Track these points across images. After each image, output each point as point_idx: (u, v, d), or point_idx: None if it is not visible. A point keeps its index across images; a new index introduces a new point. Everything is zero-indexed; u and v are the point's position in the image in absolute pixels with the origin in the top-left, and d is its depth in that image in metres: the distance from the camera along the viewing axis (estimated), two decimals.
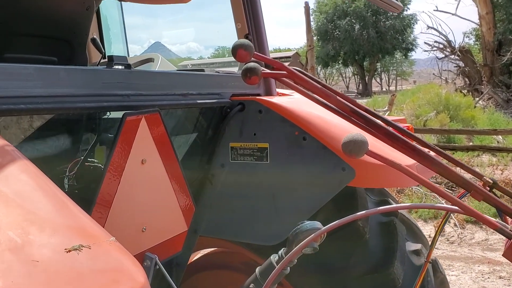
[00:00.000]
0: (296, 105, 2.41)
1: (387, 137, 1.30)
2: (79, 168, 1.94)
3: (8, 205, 0.88)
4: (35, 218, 0.88)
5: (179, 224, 2.11)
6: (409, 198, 8.77)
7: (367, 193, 2.52)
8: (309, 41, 17.72)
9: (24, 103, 1.51)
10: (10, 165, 1.02)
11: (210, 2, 11.12)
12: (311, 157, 2.28)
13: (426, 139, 12.61)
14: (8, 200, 0.89)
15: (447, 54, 28.50)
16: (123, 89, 1.90)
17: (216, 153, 2.55)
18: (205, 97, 2.37)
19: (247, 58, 1.45)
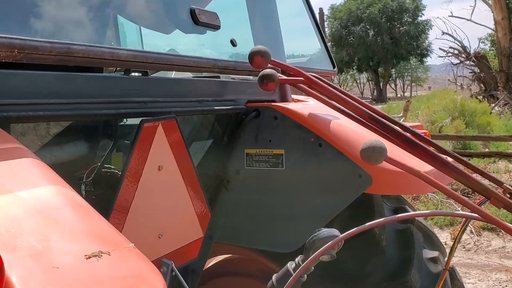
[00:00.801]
0: (311, 111, 2.40)
1: (407, 143, 1.29)
2: (96, 174, 1.95)
3: (29, 211, 0.88)
4: (55, 224, 0.88)
5: (195, 230, 2.12)
6: (424, 205, 8.70)
7: (383, 200, 2.50)
8: None
9: (43, 110, 1.52)
10: (30, 171, 1.03)
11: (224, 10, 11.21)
12: (327, 163, 2.27)
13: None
14: (29, 206, 0.90)
15: (462, 60, 28.32)
16: (140, 95, 1.91)
17: (231, 159, 2.55)
18: (221, 104, 2.37)
19: (264, 65, 1.46)
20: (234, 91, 2.47)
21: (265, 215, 2.47)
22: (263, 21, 2.71)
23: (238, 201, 2.55)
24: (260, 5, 2.76)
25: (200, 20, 1.96)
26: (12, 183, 0.95)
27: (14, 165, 1.03)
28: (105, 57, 1.58)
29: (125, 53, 1.64)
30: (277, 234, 2.45)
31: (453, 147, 13.17)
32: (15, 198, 0.91)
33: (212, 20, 2.06)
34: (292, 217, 2.39)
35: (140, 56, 1.74)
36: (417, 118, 18.21)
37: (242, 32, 3.13)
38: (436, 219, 8.16)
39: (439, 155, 1.31)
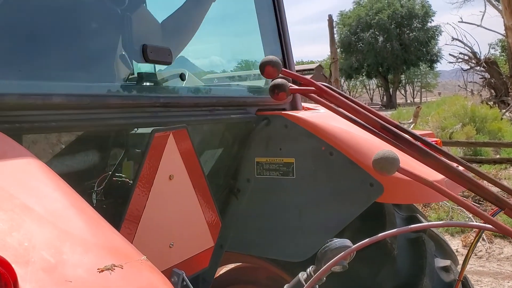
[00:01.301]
0: (322, 119, 2.39)
1: (419, 153, 1.28)
2: (107, 183, 1.96)
3: (41, 224, 0.88)
4: (68, 237, 0.88)
5: (205, 239, 2.11)
6: (435, 212, 8.65)
7: (394, 209, 2.49)
8: (333, 53, 17.70)
9: (55, 120, 1.54)
10: (43, 182, 1.03)
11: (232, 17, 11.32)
12: (338, 172, 2.26)
13: (452, 152, 12.44)
14: (42, 219, 0.90)
15: (472, 66, 28.22)
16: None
17: (242, 168, 2.55)
18: (231, 112, 2.37)
19: (275, 75, 1.45)
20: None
21: (276, 224, 2.47)
22: (273, 30, 2.71)
23: (248, 210, 2.54)
24: (269, 14, 2.76)
25: (149, 57, 1.98)
26: (24, 195, 0.96)
27: (26, 177, 1.04)
28: (37, 101, 1.54)
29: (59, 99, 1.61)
30: (287, 243, 2.44)
31: (463, 153, 13.10)
32: (28, 211, 0.91)
33: (163, 57, 2.08)
34: (303, 226, 2.38)
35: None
36: (427, 124, 18.14)
37: (248, 38, 3.15)
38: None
39: (451, 165, 1.30)
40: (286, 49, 2.69)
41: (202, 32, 3.53)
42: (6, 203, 0.90)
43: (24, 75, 1.71)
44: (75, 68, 2.02)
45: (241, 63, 3.55)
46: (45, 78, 1.76)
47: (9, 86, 1.50)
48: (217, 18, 3.28)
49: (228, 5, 2.93)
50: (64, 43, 2.00)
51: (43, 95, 1.54)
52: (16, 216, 0.88)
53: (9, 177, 1.00)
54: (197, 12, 2.63)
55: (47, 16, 1.96)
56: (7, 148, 1.15)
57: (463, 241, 7.30)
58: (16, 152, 1.14)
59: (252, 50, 3.17)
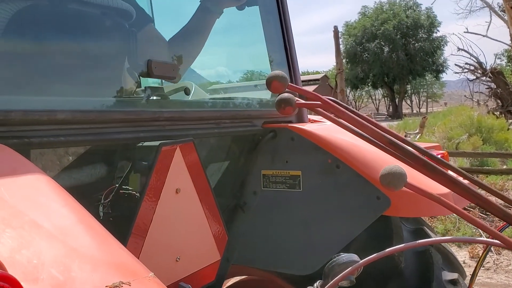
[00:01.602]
0: (328, 132, 2.39)
1: (426, 168, 1.28)
2: (114, 195, 1.96)
3: (50, 241, 0.89)
4: (76, 254, 0.88)
5: (212, 253, 2.11)
6: (442, 223, 8.61)
7: (401, 221, 2.48)
8: (338, 64, 17.72)
9: (64, 135, 1.55)
10: (51, 199, 1.04)
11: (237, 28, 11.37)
12: (344, 185, 2.26)
13: (458, 163, 12.37)
14: (51, 235, 0.90)
15: (478, 76, 28.15)
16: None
17: (248, 180, 2.55)
18: (237, 125, 2.38)
19: (282, 90, 1.46)
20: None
21: (282, 237, 2.46)
22: (280, 44, 2.72)
23: (255, 223, 2.54)
24: (275, 28, 2.77)
25: (154, 73, 2.00)
26: (33, 212, 0.96)
27: (35, 193, 1.04)
28: (42, 117, 1.56)
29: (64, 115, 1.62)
30: (294, 256, 2.43)
31: (470, 164, 13.03)
32: (37, 227, 0.92)
33: (167, 72, 2.11)
34: (309, 239, 2.38)
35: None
36: (434, 134, 18.10)
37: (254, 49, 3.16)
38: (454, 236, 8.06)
39: (458, 180, 1.30)
40: (293, 63, 2.70)
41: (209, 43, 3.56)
42: (15, 220, 0.91)
43: (30, 91, 1.73)
44: (80, 83, 2.04)
45: (247, 73, 3.57)
46: (51, 93, 1.78)
47: (15, 102, 1.51)
48: (223, 30, 3.31)
49: (235, 18, 2.95)
50: (69, 58, 2.02)
51: (48, 111, 1.55)
52: (25, 233, 0.88)
53: (18, 193, 1.01)
54: (203, 30, 2.65)
55: (52, 33, 1.99)
56: (16, 164, 1.16)
57: (470, 253, 7.25)
58: (24, 168, 1.14)
59: (258, 63, 3.19)
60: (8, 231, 0.87)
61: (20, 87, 1.77)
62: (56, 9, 2.01)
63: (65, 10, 2.03)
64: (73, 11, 2.06)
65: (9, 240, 0.85)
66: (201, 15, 2.63)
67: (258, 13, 2.75)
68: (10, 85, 1.71)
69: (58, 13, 2.03)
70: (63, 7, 2.02)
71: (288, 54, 2.71)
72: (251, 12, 2.78)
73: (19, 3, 1.83)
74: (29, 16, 1.89)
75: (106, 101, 1.90)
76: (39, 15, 1.96)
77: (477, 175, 10.72)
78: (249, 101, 2.64)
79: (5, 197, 0.97)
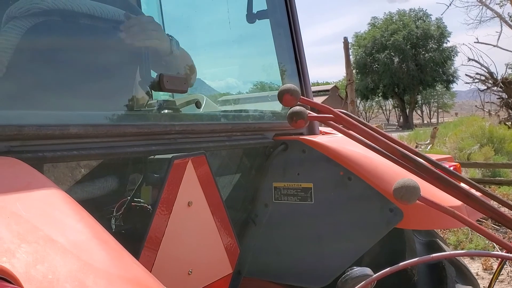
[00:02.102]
0: (340, 144, 2.39)
1: (439, 182, 1.27)
2: (126, 208, 1.97)
3: (65, 256, 0.89)
4: (91, 269, 0.89)
5: (224, 266, 2.11)
6: (454, 235, 8.53)
7: (414, 233, 2.47)
8: (348, 75, 17.70)
9: (77, 149, 1.56)
10: (66, 214, 1.04)
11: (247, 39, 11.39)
12: (357, 198, 2.25)
13: (470, 173, 12.26)
14: (65, 251, 0.91)
15: (489, 86, 27.99)
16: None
17: (260, 193, 2.55)
18: (249, 138, 2.38)
19: (293, 103, 1.46)
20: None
21: (294, 250, 2.45)
22: (290, 57, 2.73)
23: (266, 235, 2.53)
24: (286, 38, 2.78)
25: (166, 86, 2.02)
26: (48, 227, 0.97)
27: (49, 208, 1.05)
28: (55, 132, 1.57)
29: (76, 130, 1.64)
30: (306, 269, 2.42)
31: (482, 174, 12.94)
32: (52, 243, 0.92)
33: (179, 85, 2.12)
34: (322, 252, 2.37)
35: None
36: (445, 145, 17.99)
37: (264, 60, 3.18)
38: (467, 248, 7.97)
39: (472, 193, 1.29)
40: (303, 75, 2.71)
41: (220, 55, 3.58)
42: (31, 235, 0.91)
43: (42, 106, 1.75)
44: (92, 97, 2.06)
45: (258, 85, 3.59)
46: (63, 108, 1.80)
47: (28, 117, 1.53)
48: (234, 42, 3.33)
49: (245, 30, 2.97)
50: (81, 73, 2.04)
51: (61, 125, 1.57)
52: (40, 248, 0.89)
53: (33, 208, 1.02)
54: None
55: (64, 48, 2.01)
56: (31, 179, 1.16)
57: (484, 264, 7.18)
58: (39, 182, 1.15)
59: (269, 75, 3.20)
60: (24, 246, 0.87)
61: (33, 102, 1.79)
62: (67, 25, 2.04)
63: (76, 26, 2.06)
64: (85, 26, 2.08)
65: (24, 255, 0.86)
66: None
67: (268, 26, 2.76)
68: (23, 100, 1.73)
69: (69, 29, 2.06)
70: (74, 23, 2.04)
71: (299, 66, 2.72)
72: (262, 25, 2.80)
73: (32, 19, 1.85)
74: (42, 32, 1.91)
75: (118, 115, 1.92)
76: (52, 31, 1.98)
77: (489, 185, 10.64)
78: (260, 113, 2.64)
79: (21, 212, 0.98)
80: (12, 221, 0.94)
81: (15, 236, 0.89)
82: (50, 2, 1.92)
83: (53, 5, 1.92)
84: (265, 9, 2.77)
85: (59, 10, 1.94)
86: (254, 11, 2.77)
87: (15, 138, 1.45)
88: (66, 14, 1.98)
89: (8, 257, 0.84)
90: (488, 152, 14.75)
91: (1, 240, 0.87)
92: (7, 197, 1.02)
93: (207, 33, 3.58)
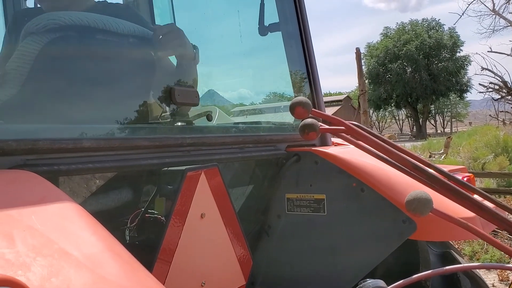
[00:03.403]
0: (352, 155, 2.39)
1: (452, 194, 1.27)
2: (139, 220, 1.98)
3: (79, 269, 0.90)
4: (105, 283, 0.89)
5: (237, 278, 2.11)
6: (469, 245, 8.45)
7: (428, 245, 2.45)
8: (361, 86, 17.64)
9: (91, 162, 1.58)
10: (80, 227, 1.05)
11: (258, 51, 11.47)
12: (369, 209, 2.25)
13: (485, 183, 12.14)
14: (80, 264, 0.91)
15: (503, 95, 27.77)
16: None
17: (272, 204, 2.55)
18: (261, 149, 2.39)
19: (305, 115, 1.47)
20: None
21: (307, 261, 2.45)
22: (301, 66, 2.74)
23: (279, 247, 2.53)
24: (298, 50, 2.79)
25: (177, 100, 2.03)
26: (63, 240, 0.98)
27: (64, 221, 1.06)
28: (69, 146, 1.58)
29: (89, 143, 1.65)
30: (319, 281, 2.41)
31: (497, 184, 12.81)
32: (66, 256, 0.93)
33: (190, 99, 2.13)
34: (334, 264, 2.36)
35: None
36: (459, 154, 17.87)
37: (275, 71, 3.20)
38: (483, 259, 7.89)
39: (485, 205, 1.29)
40: (315, 87, 2.71)
41: (232, 66, 3.61)
42: (45, 249, 0.92)
43: (56, 120, 1.78)
44: (105, 111, 2.08)
45: (269, 96, 3.60)
46: (76, 122, 1.82)
47: (43, 131, 1.55)
48: (246, 54, 3.35)
49: (257, 42, 2.99)
50: (95, 87, 2.06)
51: (74, 139, 1.59)
52: (55, 262, 0.90)
53: (48, 221, 1.03)
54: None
55: (78, 63, 2.04)
56: (46, 192, 1.18)
57: (500, 275, 7.10)
58: (54, 196, 1.16)
59: (281, 86, 3.21)
60: (39, 259, 0.88)
61: (48, 116, 1.81)
62: (83, 40, 2.07)
63: (91, 41, 2.09)
64: (100, 41, 2.11)
65: (39, 268, 0.87)
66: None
67: (280, 38, 2.78)
68: (38, 114, 1.75)
69: (84, 44, 2.09)
70: (90, 38, 2.07)
71: (311, 77, 2.73)
72: (274, 37, 2.81)
73: (49, 35, 1.88)
74: (58, 47, 1.94)
75: (131, 128, 1.93)
76: (67, 46, 2.01)
77: (504, 196, 10.53)
78: (272, 125, 2.65)
79: (36, 226, 0.99)
80: (28, 234, 0.95)
81: (30, 250, 0.91)
82: (67, 18, 1.95)
83: (70, 21, 1.95)
84: (277, 22, 2.78)
85: (75, 26, 1.97)
86: (266, 24, 2.79)
87: (30, 152, 1.47)
88: (81, 30, 2.01)
89: (24, 270, 0.85)
90: (503, 161, 14.62)
91: (17, 254, 0.88)
92: (23, 210, 1.04)
93: (218, 46, 3.61)
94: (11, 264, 0.85)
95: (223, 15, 3.50)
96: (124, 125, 1.92)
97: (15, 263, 0.85)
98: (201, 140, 2.07)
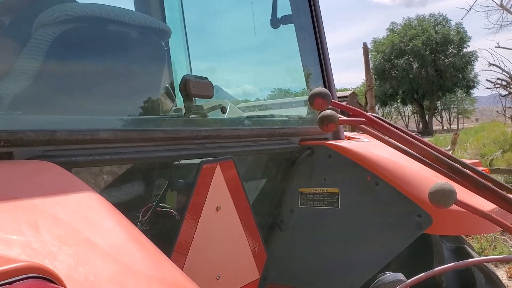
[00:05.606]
0: (367, 149, 2.37)
1: (475, 185, 1.25)
2: (152, 213, 1.98)
3: (105, 259, 0.90)
4: (130, 272, 0.89)
5: (251, 271, 2.10)
6: (477, 242, 8.41)
7: (441, 239, 2.43)
8: (368, 81, 17.56)
9: (108, 154, 1.57)
10: (103, 217, 1.05)
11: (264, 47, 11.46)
12: (384, 203, 2.23)
13: None
14: (105, 253, 0.91)
15: (511, 91, 27.65)
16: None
17: (285, 198, 2.54)
18: (275, 143, 2.38)
19: (324, 106, 1.45)
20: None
21: (320, 255, 2.44)
22: (314, 59, 2.72)
23: (292, 241, 2.52)
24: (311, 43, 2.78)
25: (192, 92, 2.01)
26: (87, 230, 0.97)
27: (88, 211, 1.05)
28: (86, 137, 1.58)
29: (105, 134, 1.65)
30: (333, 275, 2.40)
31: (505, 181, 12.75)
32: (91, 245, 0.92)
33: (205, 91, 2.11)
34: (349, 258, 2.35)
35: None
36: (466, 151, 17.80)
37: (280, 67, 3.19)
38: (491, 255, 7.85)
39: (508, 196, 1.27)
40: (328, 79, 2.70)
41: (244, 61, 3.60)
42: (71, 238, 0.92)
43: (73, 111, 1.77)
44: (121, 103, 2.07)
45: (283, 90, 3.59)
46: (93, 113, 1.81)
47: (60, 122, 1.54)
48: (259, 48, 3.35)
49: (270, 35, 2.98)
50: (110, 78, 2.06)
51: (91, 130, 1.58)
52: (80, 251, 0.89)
53: (71, 211, 1.02)
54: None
55: (93, 54, 2.03)
56: (67, 182, 1.17)
57: (508, 272, 7.07)
58: (75, 186, 1.16)
59: (293, 80, 3.20)
60: (65, 249, 0.88)
61: (64, 107, 1.81)
62: (96, 31, 2.06)
63: (104, 32, 2.08)
64: (113, 33, 2.10)
65: (66, 257, 0.86)
66: None
67: (293, 30, 2.76)
68: (55, 105, 1.75)
69: (98, 35, 2.08)
70: (102, 29, 2.06)
71: (324, 71, 2.71)
72: (287, 30, 2.80)
73: (61, 27, 1.88)
74: (71, 38, 1.94)
75: (147, 120, 1.93)
76: (81, 37, 2.01)
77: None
78: (285, 118, 2.64)
79: (60, 215, 0.98)
80: (52, 224, 0.95)
81: (56, 239, 0.90)
82: (79, 9, 1.94)
83: (82, 12, 1.95)
84: (290, 14, 2.77)
85: (88, 16, 1.97)
86: (279, 16, 2.77)
87: (48, 142, 1.46)
88: (94, 21, 2.01)
89: (50, 259, 0.84)
90: (510, 158, 14.55)
91: (43, 243, 0.87)
92: (46, 200, 1.03)
93: (230, 40, 3.61)
94: (38, 253, 0.84)
95: (233, 8, 3.49)
96: (140, 116, 1.91)
97: (41, 252, 0.85)
98: (216, 132, 2.06)
